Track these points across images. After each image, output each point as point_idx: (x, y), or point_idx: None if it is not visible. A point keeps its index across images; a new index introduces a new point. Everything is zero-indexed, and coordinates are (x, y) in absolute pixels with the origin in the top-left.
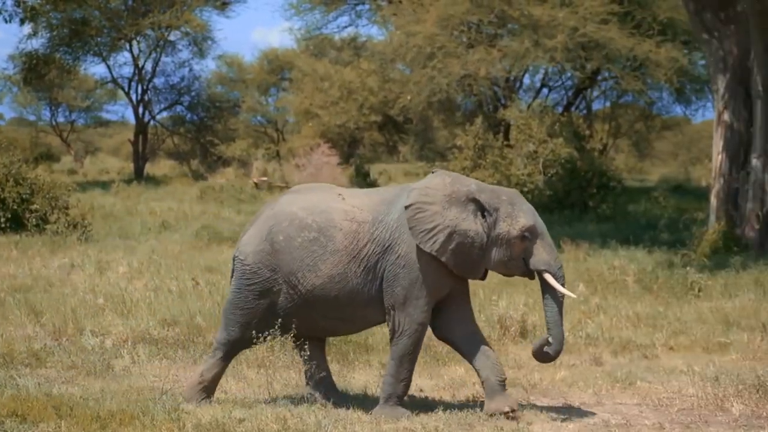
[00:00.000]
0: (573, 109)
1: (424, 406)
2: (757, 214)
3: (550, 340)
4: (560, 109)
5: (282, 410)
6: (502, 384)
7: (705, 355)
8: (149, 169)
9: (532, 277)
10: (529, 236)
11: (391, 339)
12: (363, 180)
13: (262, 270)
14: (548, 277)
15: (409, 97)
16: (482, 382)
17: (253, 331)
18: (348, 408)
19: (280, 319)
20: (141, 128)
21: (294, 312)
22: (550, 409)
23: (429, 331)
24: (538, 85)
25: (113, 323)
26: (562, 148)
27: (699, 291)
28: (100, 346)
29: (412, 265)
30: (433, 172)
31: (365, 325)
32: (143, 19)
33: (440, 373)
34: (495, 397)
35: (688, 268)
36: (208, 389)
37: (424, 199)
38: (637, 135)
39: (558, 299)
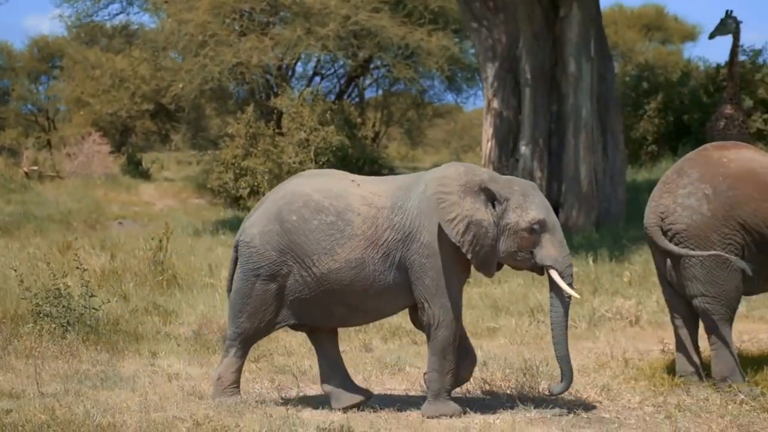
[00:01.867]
0: (345, 97)
1: (193, 394)
2: None
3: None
4: (333, 98)
5: (50, 400)
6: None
7: (474, 340)
8: None
9: (541, 273)
10: (538, 229)
11: (428, 334)
12: (135, 169)
13: (269, 252)
14: (554, 273)
15: (181, 86)
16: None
17: (265, 321)
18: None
19: (289, 307)
20: None
21: (306, 297)
22: (319, 395)
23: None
24: (311, 73)
25: None
26: (334, 136)
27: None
28: None
29: (435, 254)
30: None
31: (378, 315)
32: None
33: (210, 362)
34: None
35: None
36: (233, 388)
37: (442, 189)
38: (409, 123)
39: (563, 299)
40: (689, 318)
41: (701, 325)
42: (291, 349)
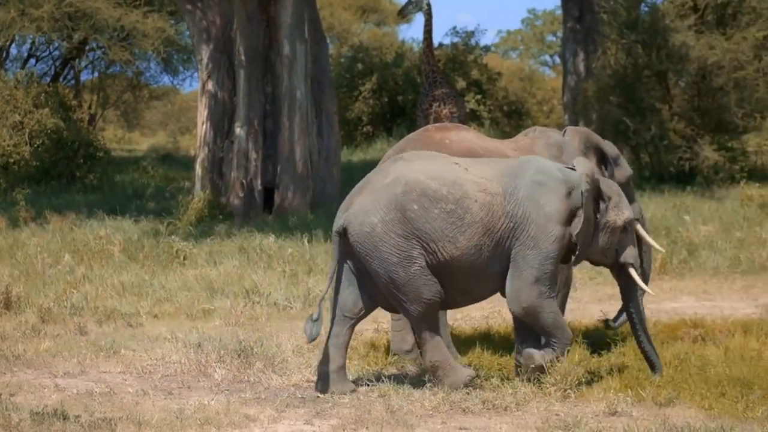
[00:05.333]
0: (61, 79)
1: None
2: (241, 182)
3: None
4: (48, 80)
5: None
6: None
7: (189, 322)
8: None
9: (618, 269)
10: (629, 229)
11: (529, 321)
12: None
13: (394, 239)
14: (633, 271)
15: None
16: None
17: (430, 295)
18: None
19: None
20: None
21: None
22: (34, 380)
23: None
24: (26, 55)
25: None
26: (49, 119)
27: (184, 259)
28: None
29: (540, 247)
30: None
31: (480, 299)
32: None
33: None
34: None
35: (173, 237)
36: (454, 362)
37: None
38: (126, 105)
39: (638, 295)
40: None
41: None
42: (5, 334)
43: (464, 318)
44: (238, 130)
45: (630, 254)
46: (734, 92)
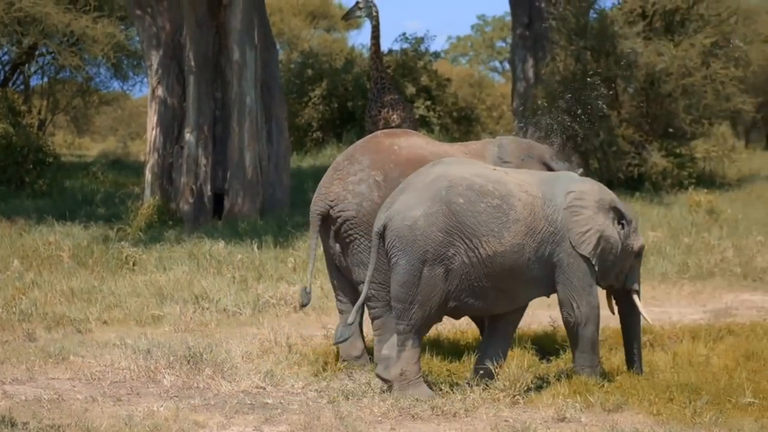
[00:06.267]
0: (10, 84)
1: None
2: (191, 188)
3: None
4: None
5: None
6: None
7: (138, 327)
8: None
9: (620, 293)
10: (640, 255)
11: (574, 332)
12: None
13: (435, 233)
14: (636, 298)
15: None
16: None
17: (436, 307)
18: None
19: (455, 290)
20: None
21: (470, 279)
22: None
23: None
24: None
25: None
26: None
27: (134, 265)
28: None
29: (580, 255)
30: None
31: (517, 303)
32: None
33: None
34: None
35: (123, 243)
36: (419, 378)
37: (579, 203)
38: (76, 110)
39: (639, 320)
40: (355, 303)
41: (366, 310)
42: None
43: None
44: (188, 136)
45: (635, 280)
46: (682, 99)
